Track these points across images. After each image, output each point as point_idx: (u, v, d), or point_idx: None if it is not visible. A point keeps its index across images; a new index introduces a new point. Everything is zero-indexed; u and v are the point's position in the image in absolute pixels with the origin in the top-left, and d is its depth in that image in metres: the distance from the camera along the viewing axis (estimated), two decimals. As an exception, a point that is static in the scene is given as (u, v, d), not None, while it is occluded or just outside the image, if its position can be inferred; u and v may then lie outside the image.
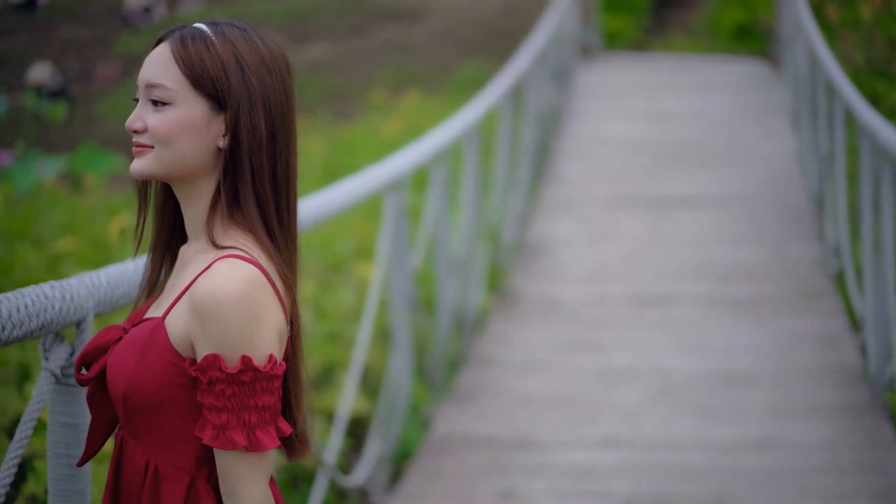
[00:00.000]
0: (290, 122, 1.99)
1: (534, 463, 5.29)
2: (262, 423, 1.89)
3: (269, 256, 1.95)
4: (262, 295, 1.89)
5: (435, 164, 6.27)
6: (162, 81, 1.94)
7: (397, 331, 5.56)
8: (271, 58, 1.99)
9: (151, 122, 1.93)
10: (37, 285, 2.27)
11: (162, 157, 1.95)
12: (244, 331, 1.87)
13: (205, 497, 1.94)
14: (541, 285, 7.98)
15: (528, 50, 10.47)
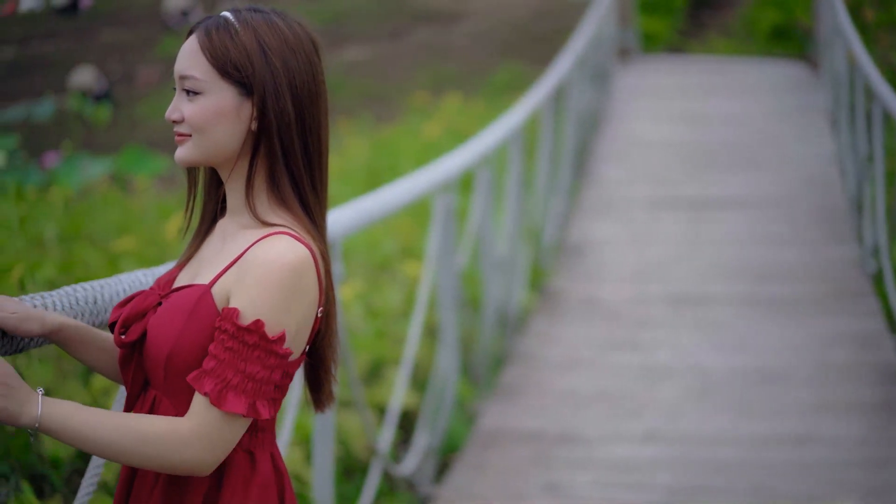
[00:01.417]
0: (318, 99, 2.05)
1: (578, 456, 5.45)
2: (240, 389, 1.93)
3: (310, 235, 2.03)
4: (307, 278, 1.97)
5: (481, 166, 6.45)
6: (192, 72, 2.01)
7: (445, 328, 5.74)
8: (295, 39, 2.04)
9: (186, 112, 2.01)
10: (131, 272, 2.44)
11: (199, 144, 2.02)
12: (276, 301, 1.94)
13: (239, 466, 2.00)
14: (582, 285, 8.14)
15: (568, 53, 10.63)
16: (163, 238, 6.51)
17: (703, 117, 12.46)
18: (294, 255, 1.96)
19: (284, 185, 2.03)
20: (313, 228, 2.03)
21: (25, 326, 2.02)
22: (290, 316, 1.96)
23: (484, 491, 5.12)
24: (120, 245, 6.25)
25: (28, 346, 2.07)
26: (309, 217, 2.04)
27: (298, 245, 1.98)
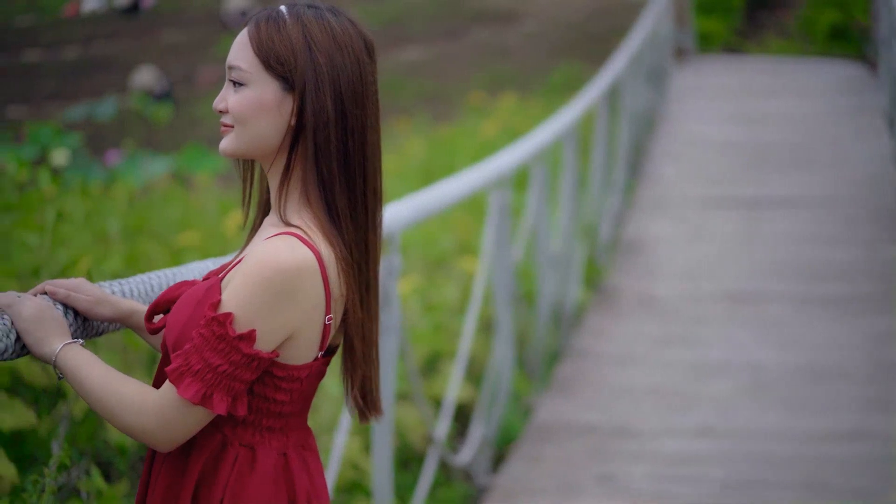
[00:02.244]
0: (364, 100, 2.00)
1: (632, 450, 5.52)
2: (198, 376, 1.90)
3: (328, 240, 1.96)
4: (302, 282, 1.92)
5: (536, 163, 6.53)
6: (238, 63, 1.98)
7: (500, 322, 5.83)
8: (344, 36, 1.99)
9: (230, 103, 1.98)
10: (202, 261, 2.52)
11: (240, 135, 1.99)
12: (253, 300, 1.90)
13: (230, 455, 1.99)
14: (636, 282, 8.20)
15: (624, 52, 10.68)
16: (224, 233, 6.64)
17: (759, 117, 12.46)
18: (289, 258, 1.91)
19: (312, 186, 1.98)
20: (335, 234, 1.97)
21: (98, 310, 2.09)
22: (270, 317, 1.91)
23: (539, 482, 5.21)
24: (182, 240, 6.38)
25: (104, 331, 2.15)
26: (333, 221, 1.98)
27: (300, 248, 1.93)
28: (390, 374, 4.03)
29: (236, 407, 1.94)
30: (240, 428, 1.99)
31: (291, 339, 1.95)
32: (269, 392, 1.98)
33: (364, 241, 2.02)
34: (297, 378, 1.98)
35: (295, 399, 2.01)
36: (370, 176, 2.01)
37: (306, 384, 2.01)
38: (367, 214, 2.02)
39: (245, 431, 1.99)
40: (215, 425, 1.99)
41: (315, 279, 1.93)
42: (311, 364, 1.99)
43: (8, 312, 1.97)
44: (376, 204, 2.04)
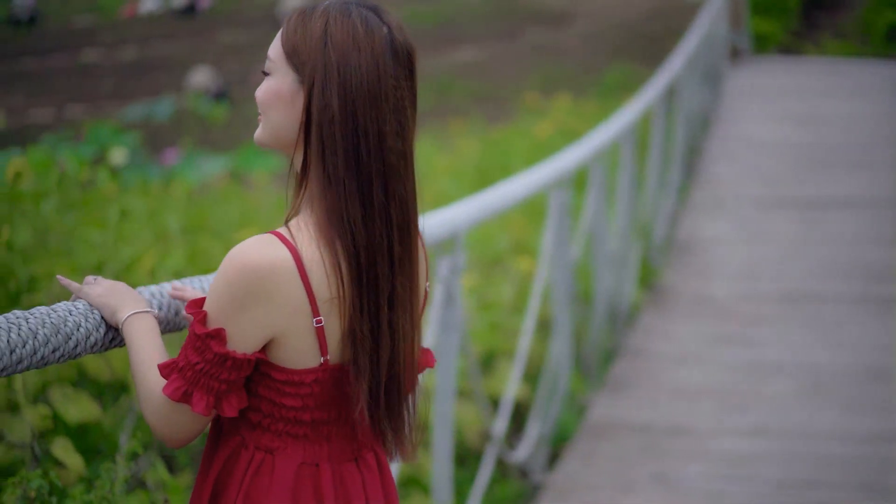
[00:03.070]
0: (380, 101, 1.90)
1: (686, 449, 5.54)
2: (182, 373, 1.89)
3: (326, 242, 1.89)
4: (272, 282, 1.87)
5: (594, 163, 6.56)
6: (268, 52, 1.98)
7: (558, 321, 5.87)
8: (366, 36, 1.92)
9: (258, 90, 1.99)
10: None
11: (264, 125, 1.98)
12: (221, 297, 1.87)
13: (245, 458, 1.97)
14: (691, 282, 8.21)
15: (680, 53, 10.68)
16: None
17: (815, 118, 12.41)
18: (256, 257, 1.86)
19: (317, 185, 1.91)
20: (336, 236, 1.89)
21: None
22: (238, 316, 1.87)
23: (593, 479, 5.24)
24: (241, 237, 6.47)
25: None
26: (335, 224, 1.89)
27: (276, 248, 1.87)
28: (451, 370, 4.08)
29: (222, 407, 1.91)
30: (256, 431, 1.96)
31: (277, 342, 1.90)
32: (275, 396, 1.94)
33: (387, 251, 1.91)
34: (300, 383, 1.92)
35: (312, 406, 1.94)
36: (392, 184, 1.92)
37: (318, 389, 1.93)
38: (388, 224, 1.92)
39: (262, 435, 1.96)
40: (236, 426, 1.97)
41: (288, 279, 1.87)
42: (317, 369, 1.92)
43: (80, 296, 2.01)
44: (405, 216, 1.94)
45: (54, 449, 3.87)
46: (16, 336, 1.74)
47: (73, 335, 1.85)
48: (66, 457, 3.86)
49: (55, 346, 1.81)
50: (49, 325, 1.81)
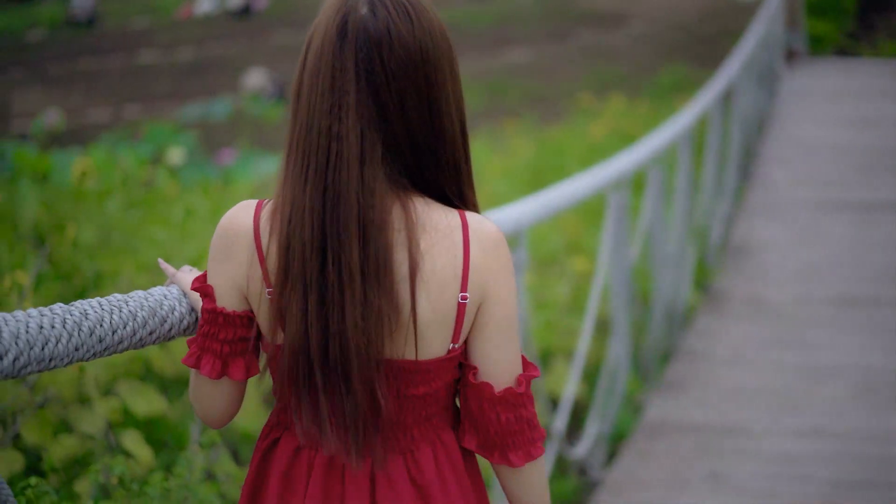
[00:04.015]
0: (318, 77, 1.86)
1: (741, 448, 5.58)
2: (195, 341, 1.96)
3: (284, 205, 1.87)
4: (231, 241, 1.89)
5: (652, 165, 6.62)
6: None
7: (617, 321, 5.93)
8: (340, 23, 1.86)
9: None
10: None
11: None
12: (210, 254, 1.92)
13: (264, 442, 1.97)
14: (746, 284, 8.24)
15: (737, 55, 10.70)
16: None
17: (871, 121, 12.37)
18: (228, 217, 1.92)
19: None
20: (280, 195, 1.88)
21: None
22: (215, 271, 1.92)
23: (649, 477, 5.30)
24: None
25: None
26: (283, 184, 1.88)
27: (245, 211, 1.91)
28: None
29: (230, 370, 1.93)
30: (275, 413, 1.97)
31: (225, 294, 1.92)
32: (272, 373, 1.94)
33: (312, 240, 1.85)
34: (271, 357, 1.92)
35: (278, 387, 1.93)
36: (322, 166, 1.86)
37: (275, 369, 1.91)
38: (318, 214, 1.85)
39: (277, 416, 1.97)
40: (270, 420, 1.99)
41: (245, 242, 1.89)
42: (274, 348, 1.91)
43: (174, 281, 2.10)
44: (342, 207, 1.84)
45: (124, 441, 3.99)
46: (117, 318, 1.83)
47: (167, 318, 1.95)
48: (136, 448, 3.97)
49: (152, 328, 1.91)
50: (147, 308, 1.91)
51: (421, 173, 1.88)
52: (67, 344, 1.73)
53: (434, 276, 1.85)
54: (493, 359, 1.92)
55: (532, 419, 1.95)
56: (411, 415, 1.91)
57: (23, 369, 1.65)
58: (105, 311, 1.83)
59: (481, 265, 1.88)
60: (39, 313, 1.71)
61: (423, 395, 1.90)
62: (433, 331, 1.87)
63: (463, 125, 1.92)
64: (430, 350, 1.88)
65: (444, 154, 1.89)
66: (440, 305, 1.86)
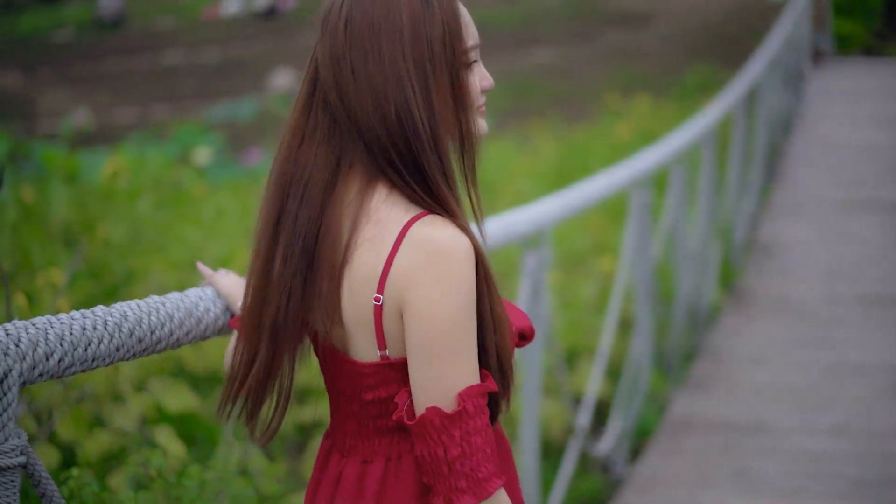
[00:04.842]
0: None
1: (766, 446, 5.61)
2: None
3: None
4: None
5: (675, 164, 6.65)
6: (476, 37, 1.89)
7: (639, 319, 5.97)
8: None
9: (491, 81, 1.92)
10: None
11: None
12: None
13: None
14: (771, 283, 8.26)
15: (762, 55, 10.71)
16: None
17: (898, 121, 12.36)
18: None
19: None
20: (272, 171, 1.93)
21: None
22: None
23: (674, 474, 5.33)
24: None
25: None
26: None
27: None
28: (537, 364, 4.21)
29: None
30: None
31: None
32: None
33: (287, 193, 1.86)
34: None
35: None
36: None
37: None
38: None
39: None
40: None
41: None
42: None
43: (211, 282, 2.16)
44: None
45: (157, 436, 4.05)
46: (155, 319, 1.90)
47: (203, 319, 2.01)
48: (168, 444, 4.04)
49: (188, 328, 1.97)
50: (183, 309, 1.97)
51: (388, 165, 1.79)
52: (109, 344, 1.79)
53: (358, 270, 1.76)
54: (413, 381, 1.76)
55: (455, 462, 1.73)
56: (372, 423, 1.84)
57: (67, 370, 1.70)
58: (143, 313, 1.89)
59: (405, 269, 1.73)
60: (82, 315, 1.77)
61: (372, 400, 1.81)
62: (360, 330, 1.79)
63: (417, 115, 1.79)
64: (364, 352, 1.80)
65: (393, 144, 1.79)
66: (360, 302, 1.77)
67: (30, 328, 1.66)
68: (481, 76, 1.85)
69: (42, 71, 23.49)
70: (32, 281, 5.18)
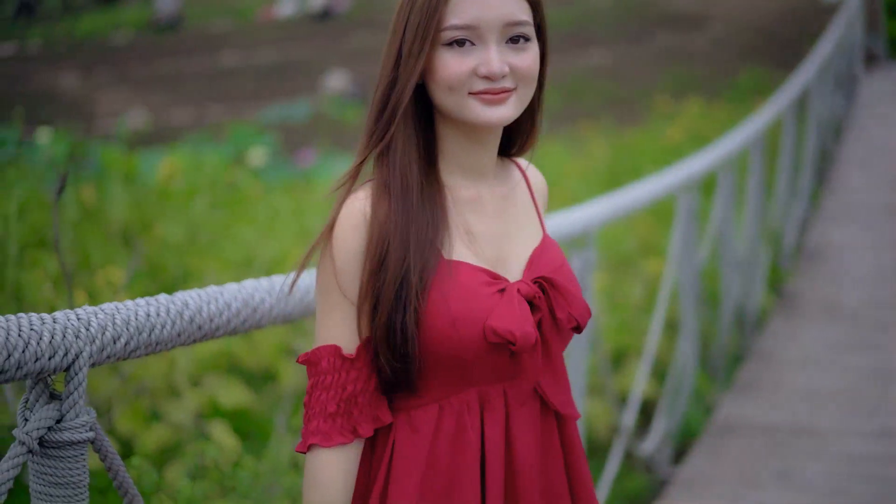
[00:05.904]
0: None
1: (811, 449, 5.65)
2: None
3: None
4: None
5: (723, 169, 6.71)
6: (523, 17, 1.83)
7: (685, 322, 6.04)
8: None
9: (522, 63, 1.83)
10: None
11: (523, 97, 1.86)
12: None
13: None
14: (820, 287, 8.28)
15: (813, 59, 10.71)
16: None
17: (951, 124, 12.31)
18: None
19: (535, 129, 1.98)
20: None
21: None
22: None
23: (718, 475, 5.39)
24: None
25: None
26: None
27: None
28: (582, 364, 4.29)
29: None
30: None
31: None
32: None
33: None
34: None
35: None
36: None
37: None
38: None
39: None
40: None
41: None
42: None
43: None
44: None
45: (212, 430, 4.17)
46: (213, 307, 2.01)
47: (258, 308, 2.13)
48: (223, 438, 4.16)
49: (245, 317, 2.09)
50: (240, 299, 2.09)
51: None
52: (171, 330, 1.91)
53: None
54: None
55: (305, 405, 1.85)
56: None
57: (133, 352, 1.82)
58: (203, 301, 2.00)
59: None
60: (146, 303, 1.89)
61: None
62: None
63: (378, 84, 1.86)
64: None
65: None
66: None
67: (99, 313, 1.77)
68: (482, 60, 1.81)
69: (100, 72, 23.80)
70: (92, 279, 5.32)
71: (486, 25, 1.79)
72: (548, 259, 1.91)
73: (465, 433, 1.83)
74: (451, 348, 1.79)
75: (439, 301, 1.79)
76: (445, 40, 1.80)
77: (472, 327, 1.79)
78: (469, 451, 1.84)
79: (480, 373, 1.83)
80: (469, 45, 1.80)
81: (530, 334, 1.81)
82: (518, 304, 1.81)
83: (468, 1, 1.80)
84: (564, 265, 1.93)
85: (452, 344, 1.79)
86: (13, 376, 1.59)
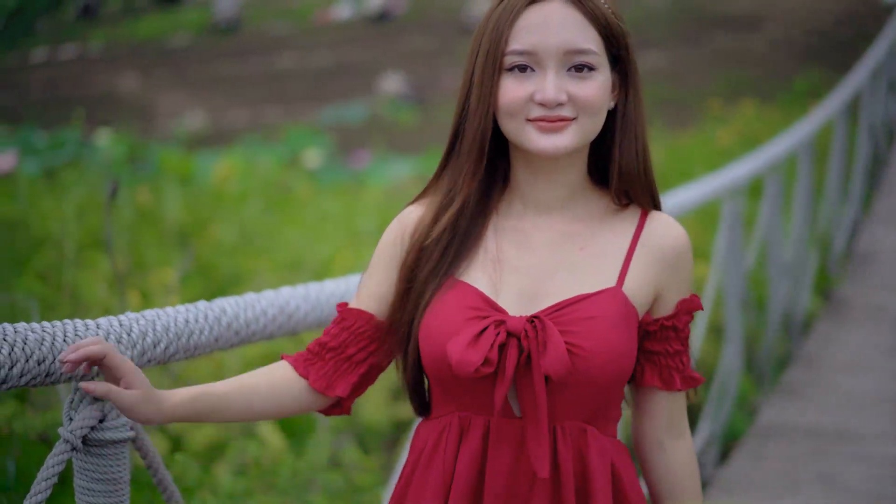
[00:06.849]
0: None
1: (854, 452, 5.67)
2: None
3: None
4: None
5: (770, 173, 6.74)
6: (589, 46, 1.81)
7: (730, 325, 6.08)
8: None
9: (582, 92, 1.80)
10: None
11: (585, 128, 1.82)
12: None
13: None
14: (869, 292, 8.27)
15: (866, 63, 10.68)
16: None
17: None
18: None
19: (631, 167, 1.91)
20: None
21: (143, 409, 1.77)
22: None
23: (760, 478, 5.43)
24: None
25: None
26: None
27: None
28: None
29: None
30: None
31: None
32: None
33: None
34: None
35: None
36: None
37: None
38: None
39: None
40: None
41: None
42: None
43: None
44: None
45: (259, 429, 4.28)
46: (250, 314, 2.12)
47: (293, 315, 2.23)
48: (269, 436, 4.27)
49: (280, 323, 2.19)
50: (276, 306, 2.19)
51: None
52: (209, 335, 2.01)
53: None
54: None
55: None
56: None
57: (172, 356, 1.93)
58: (240, 308, 2.11)
59: None
60: (186, 309, 2.00)
61: None
62: None
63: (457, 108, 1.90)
64: None
65: None
66: None
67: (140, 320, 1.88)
68: (539, 87, 1.81)
69: (159, 74, 24.09)
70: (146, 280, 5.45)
71: (545, 51, 1.79)
72: (584, 307, 1.82)
73: (436, 454, 1.84)
74: (428, 362, 1.85)
75: (428, 314, 1.84)
76: (507, 65, 1.81)
77: (436, 346, 1.81)
78: (434, 473, 1.84)
79: (463, 397, 1.84)
80: (530, 70, 1.81)
81: (470, 363, 1.76)
82: (483, 334, 1.78)
83: (530, 27, 1.80)
84: (596, 319, 1.82)
85: (426, 357, 1.85)
86: (59, 378, 1.70)
